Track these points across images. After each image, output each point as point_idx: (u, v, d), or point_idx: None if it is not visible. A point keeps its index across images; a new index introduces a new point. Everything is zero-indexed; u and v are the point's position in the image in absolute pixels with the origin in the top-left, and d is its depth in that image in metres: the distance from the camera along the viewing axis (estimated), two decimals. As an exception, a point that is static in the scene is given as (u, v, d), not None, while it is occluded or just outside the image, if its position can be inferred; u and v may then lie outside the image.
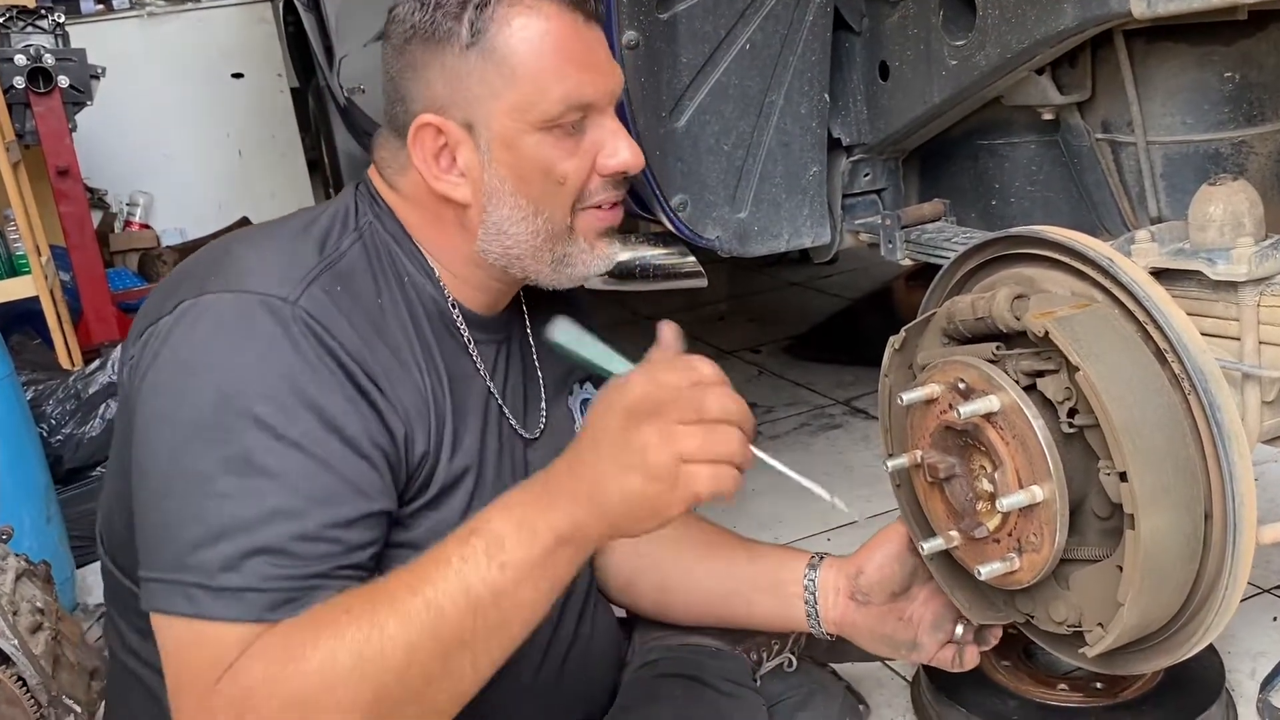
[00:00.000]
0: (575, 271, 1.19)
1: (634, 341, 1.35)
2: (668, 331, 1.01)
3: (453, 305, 1.18)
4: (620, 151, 1.15)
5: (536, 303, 1.31)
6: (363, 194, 1.19)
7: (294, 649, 0.91)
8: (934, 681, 1.58)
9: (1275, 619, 1.81)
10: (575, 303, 1.40)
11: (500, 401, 1.22)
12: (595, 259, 1.19)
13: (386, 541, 1.05)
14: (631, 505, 0.92)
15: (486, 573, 0.92)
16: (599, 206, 1.17)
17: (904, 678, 1.74)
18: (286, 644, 0.92)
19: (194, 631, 0.95)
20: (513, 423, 1.23)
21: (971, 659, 1.36)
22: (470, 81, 1.11)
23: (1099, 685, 1.51)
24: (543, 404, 1.29)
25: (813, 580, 1.35)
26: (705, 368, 0.98)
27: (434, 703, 0.93)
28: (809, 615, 1.36)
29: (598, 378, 1.36)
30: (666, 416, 0.92)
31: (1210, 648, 1.37)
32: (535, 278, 1.19)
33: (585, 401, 1.34)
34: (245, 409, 0.98)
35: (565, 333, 1.08)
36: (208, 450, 0.98)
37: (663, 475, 0.91)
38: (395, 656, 0.90)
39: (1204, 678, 1.54)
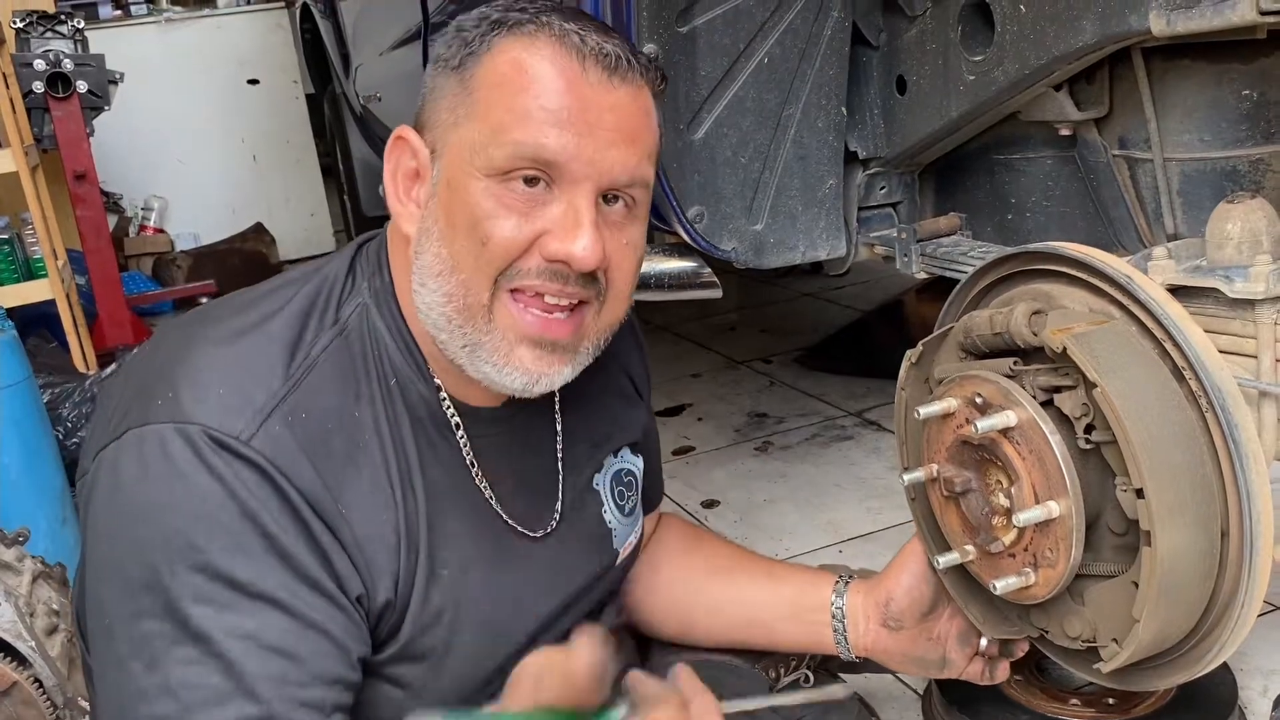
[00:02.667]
0: (489, 371, 0.99)
1: (648, 349, 1.35)
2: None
3: (447, 406, 1.05)
4: (570, 238, 0.94)
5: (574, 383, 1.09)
6: (368, 256, 1.07)
7: None
8: (945, 695, 1.58)
9: (1288, 637, 1.81)
10: (617, 336, 1.17)
11: (501, 510, 1.10)
12: (510, 365, 0.98)
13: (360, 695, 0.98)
14: None
15: None
16: (532, 296, 0.97)
17: (915, 691, 1.74)
18: None
19: None
20: (513, 525, 1.11)
21: (1003, 673, 1.34)
22: (443, 104, 0.99)
23: (1111, 701, 1.51)
24: (559, 492, 1.17)
25: (840, 608, 1.32)
26: None
27: None
28: (838, 643, 1.33)
29: (632, 445, 1.27)
30: None
31: (1223, 665, 1.37)
32: (460, 365, 1.01)
33: (615, 475, 1.22)
34: (197, 564, 0.89)
35: None
36: (157, 615, 0.89)
37: None
38: None
39: (1217, 695, 1.54)
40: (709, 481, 2.65)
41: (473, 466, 1.08)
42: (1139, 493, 1.05)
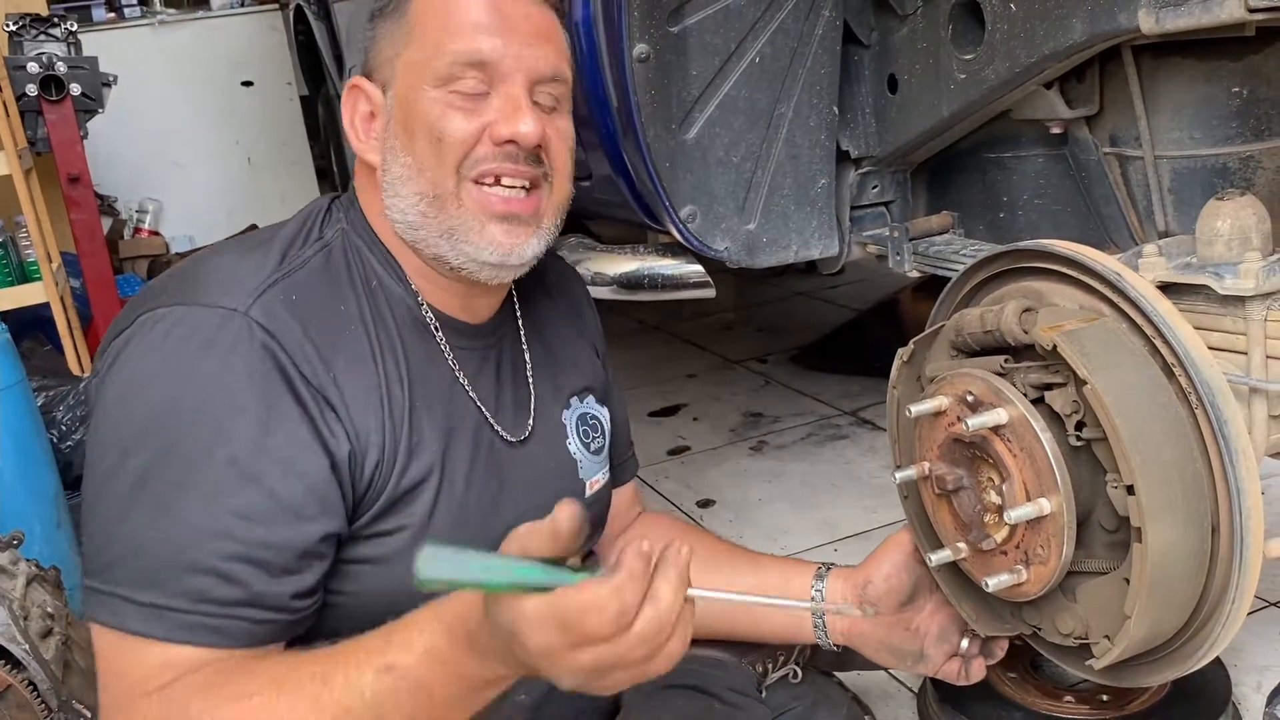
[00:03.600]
0: (468, 250, 1.11)
1: (644, 349, 1.35)
2: (565, 514, 0.86)
3: (426, 311, 1.16)
4: (513, 120, 1.09)
5: (532, 307, 1.29)
6: (341, 201, 1.20)
7: (237, 691, 0.93)
8: (940, 693, 1.58)
9: (1282, 632, 1.81)
10: (575, 306, 1.39)
11: (480, 406, 1.19)
12: (484, 242, 1.11)
13: (340, 558, 1.06)
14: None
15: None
16: (491, 182, 1.10)
17: (910, 689, 1.75)
18: (227, 687, 0.93)
19: (121, 645, 0.97)
20: (497, 427, 1.20)
21: (978, 672, 1.36)
22: (385, 44, 1.14)
23: (1105, 698, 1.51)
24: (531, 409, 1.25)
25: (820, 592, 1.35)
26: (661, 606, 0.84)
27: None
28: (816, 627, 1.36)
29: (596, 391, 1.33)
30: (610, 667, 0.85)
31: (1217, 661, 1.37)
32: (442, 255, 1.13)
33: (581, 416, 1.31)
34: (183, 422, 0.99)
35: (435, 567, 0.81)
36: (142, 461, 0.98)
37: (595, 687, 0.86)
38: None
39: (1210, 691, 1.54)
40: (704, 481, 2.65)
41: (455, 369, 1.17)
42: (1130, 489, 1.05)
